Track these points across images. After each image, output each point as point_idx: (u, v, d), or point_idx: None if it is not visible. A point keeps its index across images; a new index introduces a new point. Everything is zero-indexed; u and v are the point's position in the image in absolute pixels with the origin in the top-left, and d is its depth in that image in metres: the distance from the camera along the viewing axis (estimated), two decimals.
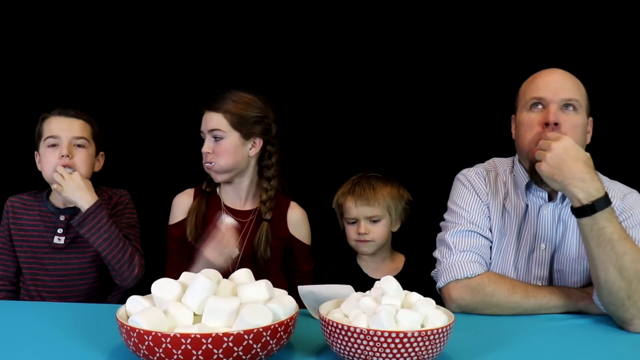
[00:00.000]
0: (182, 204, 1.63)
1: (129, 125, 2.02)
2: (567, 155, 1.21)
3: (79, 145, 1.61)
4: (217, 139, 1.54)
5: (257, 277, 1.11)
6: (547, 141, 1.24)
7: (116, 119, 1.95)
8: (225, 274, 1.07)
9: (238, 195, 1.62)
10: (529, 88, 1.39)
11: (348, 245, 1.77)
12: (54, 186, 1.59)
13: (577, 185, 1.19)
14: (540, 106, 1.36)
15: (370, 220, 1.69)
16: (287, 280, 1.65)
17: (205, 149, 1.55)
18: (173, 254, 1.62)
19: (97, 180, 1.69)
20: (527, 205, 1.41)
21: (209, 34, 2.02)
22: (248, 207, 1.62)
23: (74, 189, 1.55)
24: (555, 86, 1.35)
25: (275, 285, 1.06)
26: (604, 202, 1.19)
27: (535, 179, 1.37)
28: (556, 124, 1.31)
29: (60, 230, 1.63)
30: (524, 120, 1.37)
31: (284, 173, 1.73)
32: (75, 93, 1.98)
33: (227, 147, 1.54)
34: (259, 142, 1.59)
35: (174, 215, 1.64)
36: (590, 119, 1.43)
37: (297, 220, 1.64)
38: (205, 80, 2.00)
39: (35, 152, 1.66)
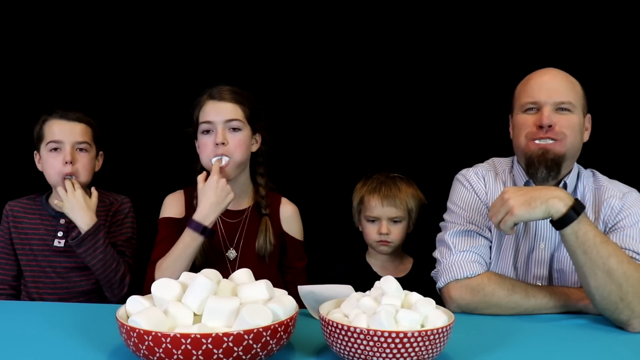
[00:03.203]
0: (173, 205, 1.56)
1: (127, 125, 2.01)
2: (520, 188, 1.23)
3: (81, 149, 1.61)
4: (235, 130, 1.46)
5: (259, 275, 1.11)
6: (494, 207, 1.24)
7: (114, 119, 1.95)
8: (225, 276, 1.06)
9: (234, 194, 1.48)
10: (523, 91, 1.41)
11: (356, 241, 1.77)
12: (55, 201, 1.59)
13: (554, 196, 1.19)
14: (534, 110, 1.37)
15: (391, 220, 1.69)
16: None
17: (220, 138, 1.43)
18: (168, 240, 1.45)
19: (95, 180, 1.69)
20: None
21: (208, 35, 2.02)
22: (241, 206, 1.58)
23: (74, 208, 1.54)
24: (549, 88, 1.36)
25: (274, 282, 1.06)
26: (580, 203, 1.20)
27: (533, 176, 1.39)
28: (550, 126, 1.33)
29: (60, 234, 1.64)
30: (519, 121, 1.40)
31: (283, 170, 1.73)
32: (73, 94, 1.98)
33: (243, 140, 1.47)
34: (259, 139, 1.56)
35: (167, 211, 1.56)
36: (589, 115, 1.44)
37: (289, 216, 1.61)
38: (205, 81, 1.99)
39: (35, 152, 1.66)
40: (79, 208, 1.54)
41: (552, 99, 1.35)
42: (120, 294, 1.57)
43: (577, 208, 1.19)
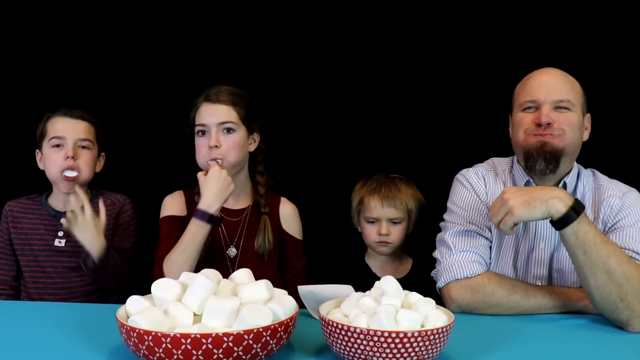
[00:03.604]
0: (174, 205, 1.57)
1: (126, 126, 2.01)
2: (520, 188, 1.24)
3: (83, 147, 1.62)
4: (229, 131, 1.48)
5: (259, 274, 1.11)
6: (493, 207, 1.24)
7: (115, 120, 1.95)
8: (225, 274, 1.07)
9: (233, 193, 1.50)
10: (522, 90, 1.42)
11: (356, 242, 1.76)
12: (62, 220, 1.54)
13: (554, 196, 1.19)
14: (533, 108, 1.38)
15: (391, 221, 1.69)
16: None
17: (214, 141, 1.46)
18: (171, 237, 1.47)
19: (95, 180, 1.69)
20: None
21: (208, 35, 2.02)
22: (240, 205, 1.59)
23: (84, 231, 1.48)
24: (548, 87, 1.36)
25: (273, 282, 1.06)
26: (580, 203, 1.20)
27: (531, 169, 1.39)
28: (549, 124, 1.34)
29: (60, 233, 1.64)
30: (517, 119, 1.41)
31: (282, 170, 1.73)
32: (75, 94, 1.98)
33: (237, 142, 1.49)
34: (257, 138, 1.58)
35: (168, 210, 1.57)
36: (588, 115, 1.44)
37: (288, 216, 1.62)
38: (206, 82, 1.99)
39: (37, 150, 1.66)
40: (88, 233, 1.48)
41: (551, 97, 1.35)
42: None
43: (577, 208, 1.19)
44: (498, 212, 1.22)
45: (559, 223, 1.19)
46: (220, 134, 1.48)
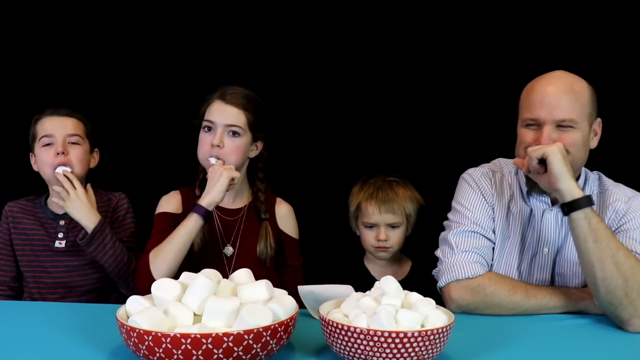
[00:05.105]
0: (170, 203, 1.59)
1: (123, 124, 2.01)
2: (567, 157, 1.25)
3: (73, 143, 1.62)
4: (234, 134, 1.49)
5: (257, 273, 1.12)
6: (539, 145, 1.26)
7: (110, 119, 1.96)
8: (222, 272, 1.07)
9: (229, 194, 1.55)
10: (526, 102, 1.34)
11: (354, 245, 1.76)
12: (54, 199, 1.58)
13: (575, 183, 1.23)
14: (535, 126, 1.32)
15: (390, 226, 1.66)
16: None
17: (217, 141, 1.47)
18: (161, 234, 1.47)
19: (92, 178, 1.69)
20: (531, 209, 1.41)
21: (205, 33, 2.01)
22: (237, 205, 1.61)
23: (77, 208, 1.53)
24: (550, 104, 1.29)
25: (271, 281, 1.06)
26: (592, 200, 1.23)
27: (531, 184, 1.37)
28: None
29: (60, 235, 1.64)
30: (520, 135, 1.36)
31: (280, 170, 1.73)
32: (71, 94, 1.98)
33: (240, 146, 1.50)
34: (260, 146, 1.58)
35: (164, 207, 1.58)
36: (599, 120, 1.38)
37: (284, 215, 1.63)
38: (201, 81, 2.00)
39: (30, 154, 1.67)
40: (82, 207, 1.53)
41: (553, 117, 1.28)
42: (136, 288, 1.57)
43: (590, 201, 1.21)
44: (541, 147, 1.25)
45: (571, 205, 1.20)
46: (225, 135, 1.49)
